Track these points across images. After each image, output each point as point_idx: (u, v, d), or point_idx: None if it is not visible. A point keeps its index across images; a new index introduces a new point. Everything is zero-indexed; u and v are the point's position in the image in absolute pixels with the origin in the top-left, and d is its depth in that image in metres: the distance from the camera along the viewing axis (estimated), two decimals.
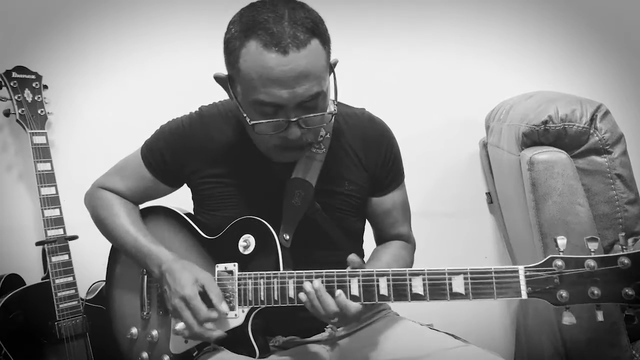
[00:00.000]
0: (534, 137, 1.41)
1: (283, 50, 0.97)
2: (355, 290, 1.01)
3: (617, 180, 1.39)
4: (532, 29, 2.03)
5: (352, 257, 1.03)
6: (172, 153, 1.22)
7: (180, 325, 1.08)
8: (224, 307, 1.06)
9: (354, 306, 1.01)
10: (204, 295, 1.07)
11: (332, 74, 1.08)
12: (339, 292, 1.01)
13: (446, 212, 2.06)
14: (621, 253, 0.89)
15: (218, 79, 1.11)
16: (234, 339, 1.10)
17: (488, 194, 2.06)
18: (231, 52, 1.03)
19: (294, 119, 1.03)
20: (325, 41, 1.04)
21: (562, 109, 1.38)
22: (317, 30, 1.01)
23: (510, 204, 1.72)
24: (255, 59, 0.99)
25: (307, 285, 1.02)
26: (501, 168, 1.74)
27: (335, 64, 1.09)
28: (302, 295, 1.03)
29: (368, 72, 2.00)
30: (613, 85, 1.99)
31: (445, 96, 2.04)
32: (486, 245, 2.09)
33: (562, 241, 0.92)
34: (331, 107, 1.10)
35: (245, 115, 1.05)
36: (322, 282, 1.02)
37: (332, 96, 1.11)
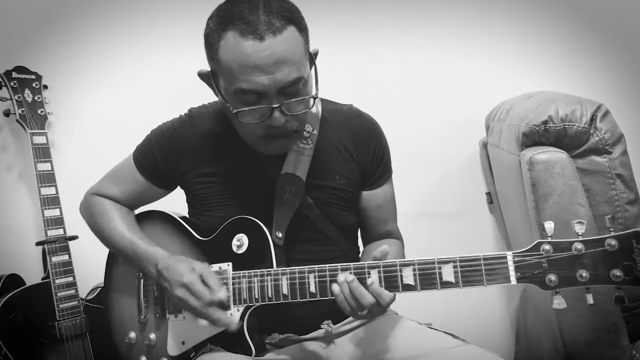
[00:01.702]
0: (534, 137, 1.41)
1: (259, 37, 0.98)
2: None
3: (617, 180, 1.39)
4: (532, 29, 2.03)
5: (383, 249, 1.00)
6: (164, 155, 1.23)
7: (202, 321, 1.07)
8: (222, 293, 1.06)
9: (388, 295, 0.98)
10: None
11: (313, 63, 1.09)
12: (371, 280, 0.99)
13: (446, 212, 2.06)
14: (608, 235, 0.89)
15: (201, 75, 1.12)
16: (230, 339, 1.10)
17: (488, 194, 2.06)
18: (211, 45, 1.05)
19: (276, 105, 1.03)
20: (302, 28, 1.05)
21: (562, 109, 1.38)
22: (293, 17, 1.02)
23: (510, 204, 1.71)
24: (233, 49, 1.00)
25: (340, 277, 1.00)
26: (501, 168, 1.74)
27: (316, 54, 1.10)
28: (334, 287, 1.00)
29: (368, 71, 1.99)
30: (613, 85, 1.98)
31: (445, 96, 2.03)
32: (486, 245, 2.08)
33: (549, 226, 0.92)
34: (312, 93, 1.09)
35: (228, 104, 1.06)
36: (352, 274, 0.99)
37: (313, 85, 1.10)
